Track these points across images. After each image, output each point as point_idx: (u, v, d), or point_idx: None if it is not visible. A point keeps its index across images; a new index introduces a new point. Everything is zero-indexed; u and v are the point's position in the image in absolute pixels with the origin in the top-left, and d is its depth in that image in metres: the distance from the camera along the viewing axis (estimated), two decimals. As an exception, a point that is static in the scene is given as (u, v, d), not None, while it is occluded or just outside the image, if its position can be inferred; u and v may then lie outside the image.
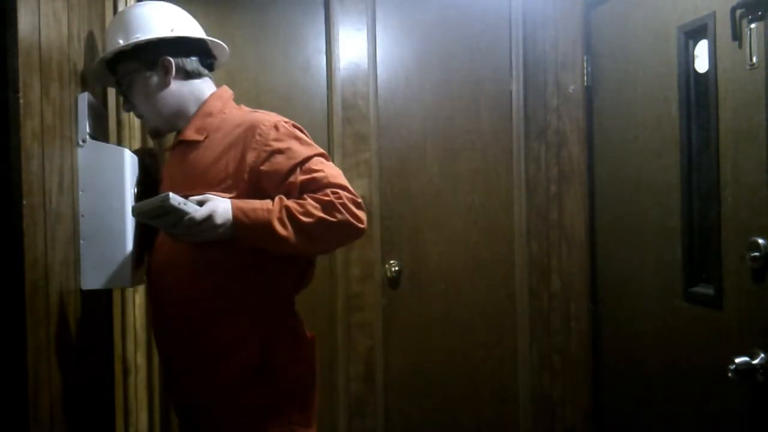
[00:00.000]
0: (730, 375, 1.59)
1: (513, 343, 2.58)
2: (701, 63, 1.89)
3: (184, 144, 1.55)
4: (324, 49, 2.52)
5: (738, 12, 1.65)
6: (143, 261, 1.64)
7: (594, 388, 2.55)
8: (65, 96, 1.42)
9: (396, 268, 2.53)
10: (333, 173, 1.44)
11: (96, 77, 1.65)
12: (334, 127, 2.50)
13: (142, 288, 2.12)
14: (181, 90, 1.57)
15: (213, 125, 1.53)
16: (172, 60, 1.55)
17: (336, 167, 1.49)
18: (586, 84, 2.54)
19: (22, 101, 1.14)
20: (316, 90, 2.52)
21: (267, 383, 1.47)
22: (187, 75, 1.58)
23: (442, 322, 2.56)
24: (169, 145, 1.65)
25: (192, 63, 1.58)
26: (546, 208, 2.58)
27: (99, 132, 1.68)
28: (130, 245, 1.53)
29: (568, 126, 2.56)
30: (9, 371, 1.13)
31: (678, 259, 1.97)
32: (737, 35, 1.67)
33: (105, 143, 1.73)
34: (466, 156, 2.57)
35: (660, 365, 2.08)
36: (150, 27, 1.54)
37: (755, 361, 1.58)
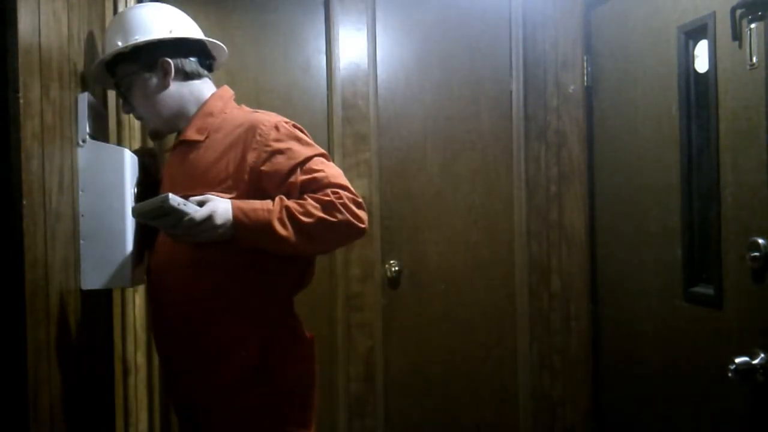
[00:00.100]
0: (730, 375, 1.59)
1: (513, 343, 2.58)
2: (701, 63, 1.89)
3: (184, 144, 1.55)
4: (324, 49, 2.52)
5: (738, 12, 1.65)
6: (143, 258, 1.64)
7: (594, 388, 2.55)
8: (65, 96, 1.42)
9: (396, 268, 2.53)
10: (333, 173, 1.44)
11: (95, 79, 1.65)
12: (334, 127, 2.50)
13: (142, 288, 2.12)
14: (181, 91, 1.57)
15: (214, 125, 1.53)
16: (171, 61, 1.54)
17: (336, 167, 1.49)
18: (586, 84, 2.54)
19: (22, 101, 1.14)
20: (316, 90, 2.52)
21: (266, 383, 1.47)
22: (187, 76, 1.58)
23: (442, 322, 2.56)
24: (170, 146, 1.65)
25: (191, 64, 1.58)
26: (546, 208, 2.58)
27: (99, 132, 1.68)
28: (130, 245, 1.53)
29: (568, 126, 2.56)
30: (9, 371, 1.13)
31: (678, 259, 1.97)
32: (737, 35, 1.67)
33: (105, 143, 1.73)
34: (466, 156, 2.57)
35: (660, 365, 2.08)
36: (149, 28, 1.54)
37: (755, 361, 1.58)
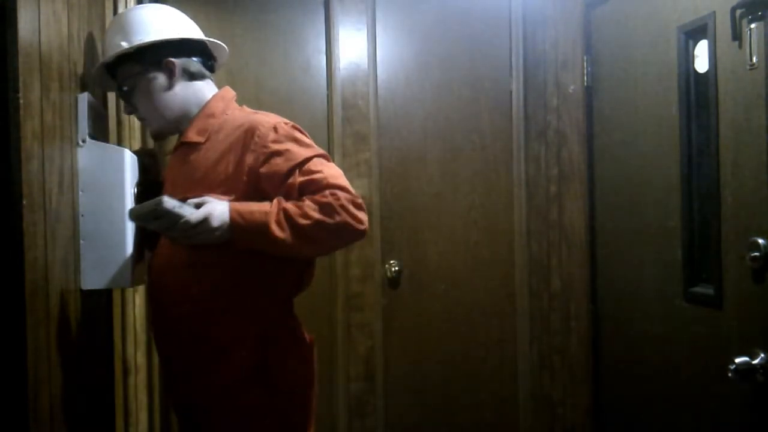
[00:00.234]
0: (730, 375, 1.59)
1: (513, 343, 2.58)
2: (701, 63, 1.89)
3: (185, 146, 1.55)
4: (324, 49, 2.52)
5: (738, 12, 1.65)
6: (143, 258, 1.64)
7: (594, 388, 2.55)
8: (65, 96, 1.42)
9: (396, 268, 2.53)
10: (332, 174, 1.43)
11: (96, 82, 1.65)
12: (334, 127, 2.50)
13: (142, 288, 2.12)
14: (185, 92, 1.56)
15: (214, 127, 1.53)
16: (176, 61, 1.54)
17: (336, 167, 1.48)
18: (586, 84, 2.54)
19: (22, 101, 1.13)
20: (316, 90, 2.52)
21: (266, 383, 1.47)
22: (191, 76, 1.57)
23: (442, 322, 2.56)
24: (171, 148, 1.65)
25: (195, 64, 1.58)
26: (546, 208, 2.58)
27: (99, 132, 1.68)
28: (130, 245, 1.53)
29: (568, 126, 2.56)
30: (9, 371, 1.13)
31: (678, 259, 1.97)
32: (737, 35, 1.67)
33: (105, 143, 1.73)
34: (466, 156, 2.57)
35: (660, 365, 2.08)
36: (152, 29, 1.54)
37: (755, 361, 1.58)
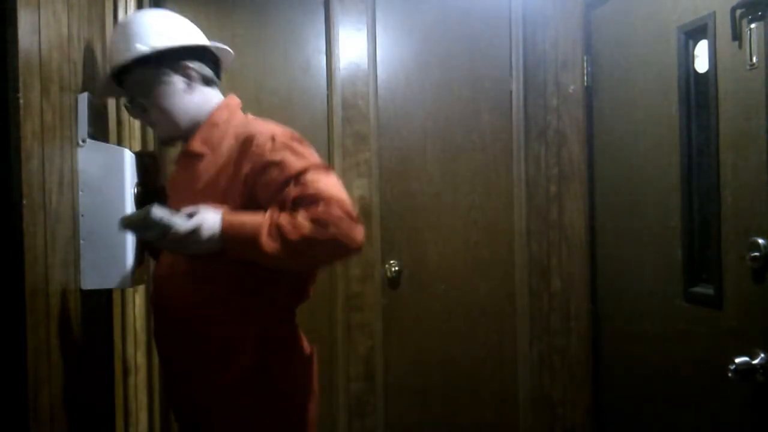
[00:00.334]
0: (730, 375, 1.59)
1: (513, 343, 2.58)
2: (701, 63, 1.89)
3: (189, 155, 1.53)
4: (324, 49, 2.52)
5: (738, 12, 1.65)
6: (143, 260, 1.63)
7: (594, 388, 2.55)
8: (65, 96, 1.42)
9: (396, 268, 2.53)
10: (328, 187, 1.39)
11: (105, 88, 1.63)
12: (334, 127, 2.50)
13: (142, 288, 2.13)
14: (199, 97, 1.55)
15: (217, 136, 1.51)
16: (194, 66, 1.54)
17: (334, 179, 1.44)
18: (586, 84, 2.54)
19: (22, 101, 1.14)
20: (316, 90, 2.52)
21: (266, 384, 1.46)
22: (206, 82, 1.57)
23: (442, 322, 2.56)
24: (171, 150, 1.64)
25: (207, 70, 1.57)
26: (546, 208, 2.58)
27: (99, 132, 1.68)
28: (130, 245, 1.53)
29: (568, 126, 2.56)
30: (9, 371, 1.13)
31: (678, 259, 1.97)
32: (737, 35, 1.67)
33: (105, 143, 1.73)
34: (466, 156, 2.57)
35: (660, 365, 2.08)
36: (169, 33, 1.52)
37: (755, 361, 1.58)
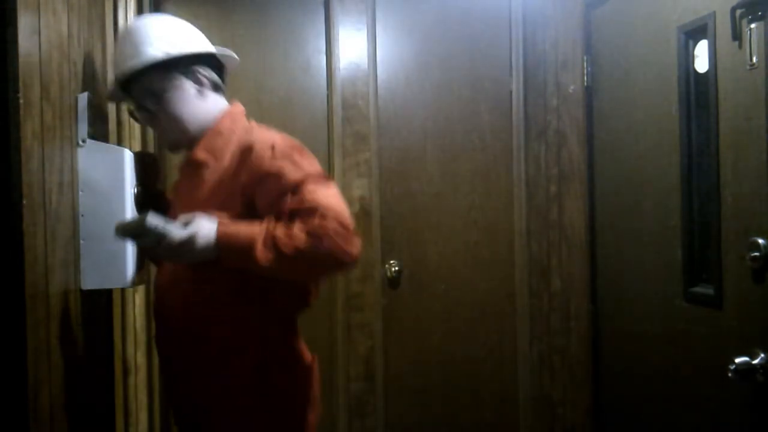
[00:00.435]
0: (730, 375, 1.59)
1: (513, 343, 2.58)
2: (701, 63, 1.89)
3: (193, 163, 1.53)
4: (324, 49, 2.52)
5: (738, 12, 1.65)
6: (144, 264, 1.63)
7: (594, 388, 2.55)
8: (65, 96, 1.42)
9: (396, 268, 2.53)
10: (326, 199, 1.37)
11: (109, 93, 1.63)
12: (334, 127, 2.50)
13: (142, 288, 2.13)
14: (208, 103, 1.55)
15: (221, 145, 1.50)
16: (205, 72, 1.54)
17: (333, 190, 1.42)
18: (586, 84, 2.54)
19: (22, 101, 1.14)
20: (316, 90, 2.52)
21: (265, 388, 1.46)
22: (216, 88, 1.57)
23: (442, 322, 2.56)
24: (177, 159, 1.63)
25: (215, 76, 1.57)
26: (546, 208, 2.58)
27: (99, 132, 1.68)
28: (130, 246, 1.53)
29: (568, 126, 2.56)
30: (9, 371, 1.13)
31: (678, 259, 1.97)
32: (737, 35, 1.67)
33: (105, 143, 1.73)
34: (466, 156, 2.57)
35: (660, 365, 2.08)
36: (180, 40, 1.52)
37: (755, 361, 1.57)
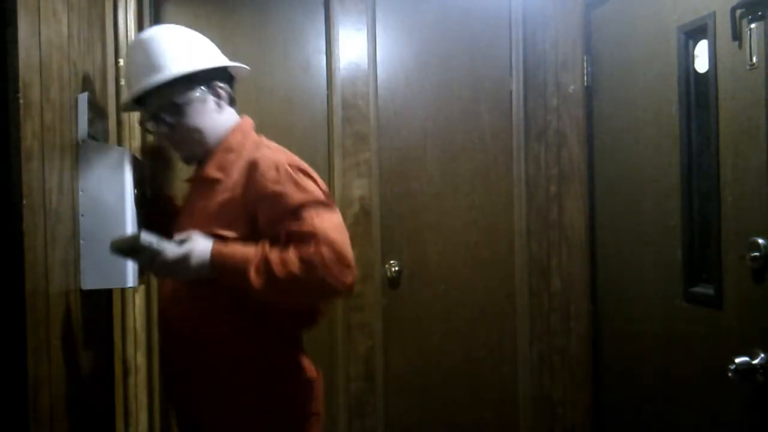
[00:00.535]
0: (730, 375, 1.59)
1: (513, 343, 2.58)
2: (701, 63, 1.89)
3: (204, 180, 1.52)
4: (324, 49, 2.52)
5: (738, 12, 1.65)
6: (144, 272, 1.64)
7: (594, 388, 2.55)
8: (65, 96, 1.42)
9: (396, 268, 2.53)
10: (324, 225, 1.37)
11: (125, 105, 1.62)
12: (334, 127, 2.50)
13: (142, 288, 2.13)
14: (225, 116, 1.55)
15: (231, 161, 1.49)
16: (223, 86, 1.54)
17: (333, 216, 1.42)
18: (586, 84, 2.54)
19: (22, 101, 1.14)
20: (316, 90, 2.52)
21: (266, 396, 1.46)
22: (231, 102, 1.57)
23: (442, 322, 2.56)
24: (189, 177, 1.62)
25: (230, 90, 1.57)
26: (546, 208, 2.58)
27: (99, 132, 1.68)
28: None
29: (568, 126, 2.56)
30: (9, 371, 1.13)
31: (678, 259, 1.97)
32: (737, 35, 1.67)
33: (105, 143, 1.73)
34: (466, 156, 2.57)
35: (660, 365, 2.08)
36: (202, 54, 1.52)
37: (755, 361, 1.57)
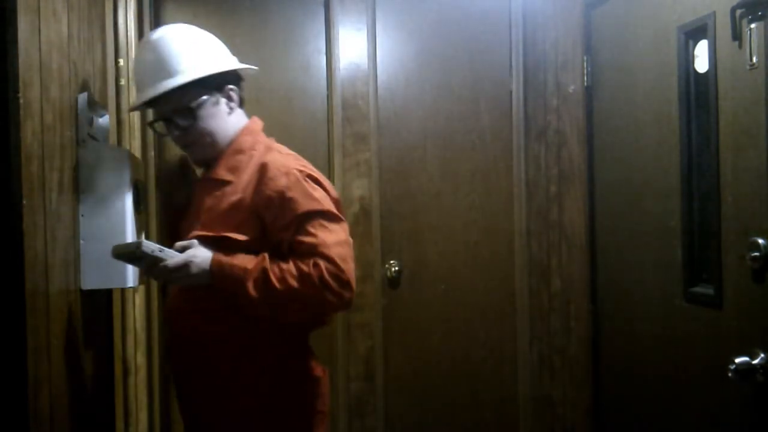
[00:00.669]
0: (730, 375, 1.59)
1: (513, 343, 2.58)
2: (701, 63, 1.89)
3: (214, 182, 1.51)
4: (324, 49, 2.52)
5: (738, 12, 1.65)
6: None
7: (594, 388, 2.55)
8: (65, 96, 1.42)
9: (396, 268, 2.52)
10: (327, 240, 1.37)
11: (135, 106, 1.62)
12: (334, 127, 2.50)
13: (142, 288, 2.13)
14: (236, 118, 1.56)
15: (241, 164, 1.49)
16: (234, 88, 1.54)
17: (337, 230, 1.41)
18: (586, 84, 2.54)
19: (22, 101, 1.14)
20: (316, 90, 2.52)
21: (271, 394, 1.46)
22: (241, 104, 1.58)
23: (442, 322, 2.56)
24: (199, 177, 1.62)
25: (240, 92, 1.58)
26: (546, 208, 2.58)
27: (99, 132, 1.68)
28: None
29: (568, 126, 2.56)
30: (9, 371, 1.13)
31: (678, 259, 1.97)
32: (737, 35, 1.67)
33: (105, 143, 1.73)
34: (466, 156, 2.57)
35: (660, 365, 2.08)
36: (216, 56, 1.52)
37: (755, 361, 1.58)
